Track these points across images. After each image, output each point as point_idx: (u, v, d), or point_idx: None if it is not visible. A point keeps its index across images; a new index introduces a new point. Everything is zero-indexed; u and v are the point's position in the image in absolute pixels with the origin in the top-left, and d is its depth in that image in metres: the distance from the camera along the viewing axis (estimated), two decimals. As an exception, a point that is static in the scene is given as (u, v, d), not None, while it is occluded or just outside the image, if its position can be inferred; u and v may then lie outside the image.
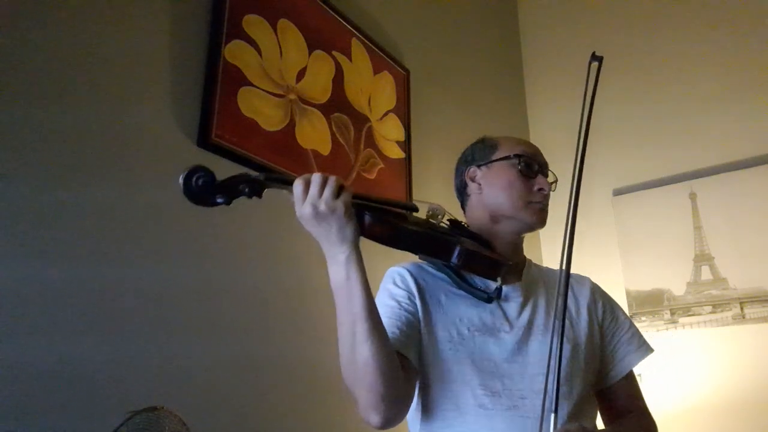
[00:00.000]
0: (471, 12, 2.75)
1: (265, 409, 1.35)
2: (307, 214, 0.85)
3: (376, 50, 1.97)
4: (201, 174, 0.82)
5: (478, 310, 1.04)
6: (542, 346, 1.00)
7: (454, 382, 0.98)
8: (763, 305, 2.22)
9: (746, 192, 2.34)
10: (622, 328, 1.15)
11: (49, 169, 1.08)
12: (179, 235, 1.26)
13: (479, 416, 0.96)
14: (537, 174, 1.11)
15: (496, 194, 1.11)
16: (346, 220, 0.86)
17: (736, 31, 2.52)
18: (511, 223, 1.10)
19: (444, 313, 1.03)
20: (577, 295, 1.14)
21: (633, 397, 1.14)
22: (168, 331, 1.19)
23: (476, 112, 2.53)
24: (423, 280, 1.07)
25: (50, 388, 0.99)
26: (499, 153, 1.14)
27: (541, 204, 1.10)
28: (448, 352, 1.00)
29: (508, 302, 1.06)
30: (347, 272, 0.87)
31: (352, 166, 1.76)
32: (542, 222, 1.10)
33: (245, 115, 1.45)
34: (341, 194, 0.86)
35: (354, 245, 0.88)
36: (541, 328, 1.04)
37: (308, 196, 0.85)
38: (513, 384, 0.98)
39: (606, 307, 1.16)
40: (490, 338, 1.01)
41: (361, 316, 0.86)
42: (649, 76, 2.66)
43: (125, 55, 1.24)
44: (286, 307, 1.46)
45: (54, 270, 1.04)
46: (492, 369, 0.99)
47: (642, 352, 1.14)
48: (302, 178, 0.86)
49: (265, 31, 1.56)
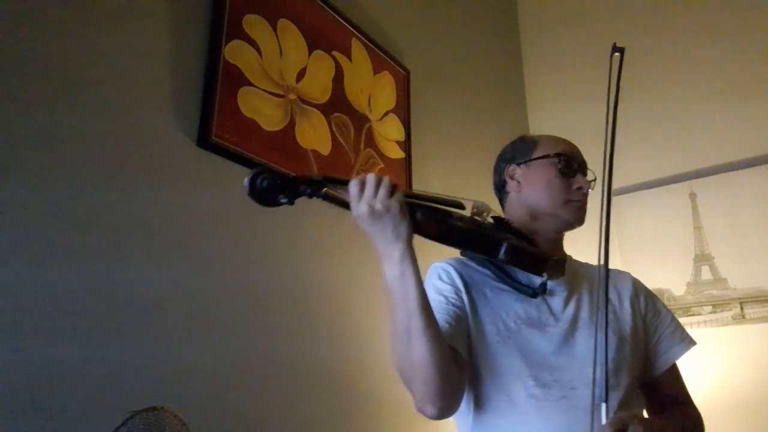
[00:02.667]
0: (471, 12, 2.75)
1: (266, 409, 1.35)
2: (363, 213, 0.88)
3: (376, 50, 1.97)
4: (265, 175, 0.87)
5: (524, 305, 1.06)
6: (588, 339, 1.02)
7: (505, 374, 1.01)
8: (763, 305, 2.22)
9: (746, 192, 2.34)
10: (664, 321, 1.17)
11: (49, 170, 1.08)
12: (179, 235, 1.26)
13: (531, 407, 0.98)
14: (576, 173, 1.13)
15: (536, 192, 1.13)
16: (400, 219, 0.89)
17: (736, 31, 2.52)
18: (551, 221, 1.13)
19: (490, 308, 1.06)
20: (619, 290, 1.17)
21: (677, 388, 1.16)
22: (168, 331, 1.19)
23: (476, 112, 2.53)
24: (467, 275, 1.09)
25: (50, 388, 0.99)
26: (538, 152, 1.16)
27: (580, 202, 1.12)
28: (496, 346, 1.02)
29: (553, 297, 1.09)
30: (402, 269, 0.90)
31: (352, 166, 1.76)
32: (581, 220, 1.13)
33: (245, 115, 1.45)
34: (395, 193, 0.89)
35: (408, 243, 0.90)
36: (586, 321, 1.07)
37: (364, 196, 0.88)
38: (562, 375, 1.00)
39: (648, 300, 1.18)
40: (536, 332, 1.04)
41: (416, 312, 0.89)
42: (649, 76, 2.66)
43: (125, 55, 1.24)
44: (287, 307, 1.46)
45: (54, 270, 1.04)
46: (541, 361, 1.01)
47: (685, 345, 1.16)
48: (358, 179, 0.90)
49: (265, 31, 1.56)
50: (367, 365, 1.63)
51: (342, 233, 1.66)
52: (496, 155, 1.28)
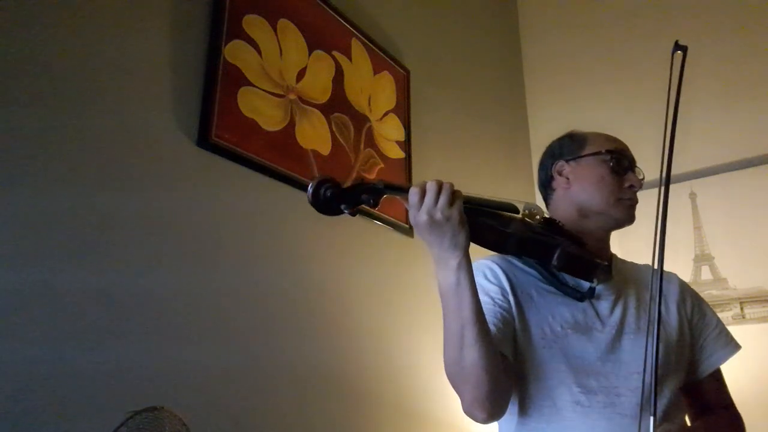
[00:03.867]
0: (471, 12, 2.75)
1: (265, 409, 1.35)
2: (422, 223, 0.86)
3: (376, 50, 1.97)
4: (328, 185, 0.87)
5: (570, 308, 1.05)
6: (635, 345, 1.01)
7: (550, 379, 1.00)
8: (763, 305, 2.22)
9: (746, 192, 2.34)
10: (709, 325, 1.15)
11: (49, 170, 1.07)
12: (178, 235, 1.26)
13: (576, 413, 0.97)
14: (627, 170, 1.12)
15: (586, 189, 1.11)
16: (460, 228, 0.87)
17: (736, 31, 2.52)
18: (601, 219, 1.11)
19: (536, 310, 1.04)
20: (665, 293, 1.14)
21: (720, 393, 1.15)
22: (168, 331, 1.19)
23: (476, 112, 2.53)
24: (513, 275, 1.08)
25: (50, 388, 0.99)
26: (589, 148, 1.14)
27: (631, 201, 1.11)
28: (541, 350, 1.01)
29: (600, 301, 1.07)
30: (458, 278, 0.88)
31: (352, 166, 1.76)
32: (631, 218, 1.11)
33: (245, 115, 1.45)
34: (455, 201, 0.87)
35: (465, 252, 0.89)
36: (633, 326, 1.04)
37: (424, 205, 0.86)
38: (608, 382, 0.99)
39: (694, 304, 1.16)
40: (583, 336, 1.02)
41: (470, 321, 0.88)
42: (649, 76, 2.66)
43: (125, 55, 1.24)
44: (287, 307, 1.46)
45: (54, 271, 1.04)
46: (586, 367, 1.00)
47: (730, 349, 1.14)
48: (418, 186, 0.88)
49: (265, 31, 1.56)
50: (367, 365, 1.63)
51: (343, 233, 1.66)
52: (496, 155, 1.29)
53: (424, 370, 1.79)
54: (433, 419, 1.76)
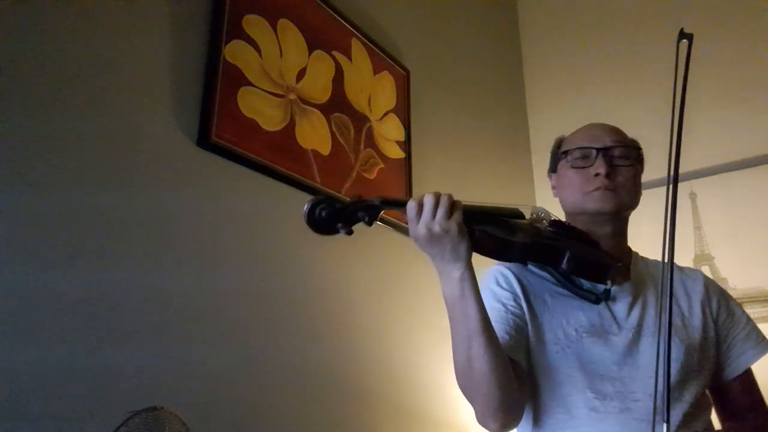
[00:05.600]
0: (471, 12, 2.75)
1: (266, 409, 1.35)
2: (421, 236, 0.86)
3: (376, 50, 1.97)
4: (324, 206, 0.85)
5: (585, 311, 1.02)
6: (653, 348, 0.98)
7: (563, 385, 0.98)
8: (763, 305, 2.22)
9: (746, 192, 2.34)
10: (738, 324, 1.11)
11: (49, 171, 1.07)
12: (180, 236, 1.26)
13: (591, 419, 0.95)
14: (594, 161, 1.06)
15: (565, 196, 1.12)
16: (459, 239, 0.86)
17: (736, 32, 2.52)
18: (584, 218, 1.08)
19: (550, 315, 1.02)
20: (689, 292, 1.11)
21: (750, 394, 1.09)
22: (168, 331, 1.19)
23: (476, 112, 2.53)
24: (526, 280, 1.06)
25: (50, 388, 0.99)
26: (559, 155, 1.14)
27: (598, 189, 1.05)
28: (554, 355, 0.99)
29: (616, 303, 1.04)
30: (462, 290, 0.87)
31: (352, 166, 1.76)
32: (604, 205, 1.05)
33: (245, 115, 1.45)
34: (453, 213, 0.86)
35: (467, 262, 0.88)
36: (651, 328, 1.01)
37: (421, 218, 0.86)
38: (624, 387, 0.96)
39: (721, 302, 1.12)
40: (598, 340, 0.99)
41: (477, 332, 0.87)
42: (649, 76, 2.66)
43: (125, 55, 1.24)
44: (287, 307, 1.46)
45: (54, 271, 1.04)
46: (601, 372, 0.97)
47: (761, 348, 1.09)
48: (415, 200, 0.87)
49: (265, 31, 1.56)
50: (367, 366, 1.63)
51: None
52: (496, 155, 1.28)
53: (424, 370, 1.79)
54: (433, 419, 1.76)
